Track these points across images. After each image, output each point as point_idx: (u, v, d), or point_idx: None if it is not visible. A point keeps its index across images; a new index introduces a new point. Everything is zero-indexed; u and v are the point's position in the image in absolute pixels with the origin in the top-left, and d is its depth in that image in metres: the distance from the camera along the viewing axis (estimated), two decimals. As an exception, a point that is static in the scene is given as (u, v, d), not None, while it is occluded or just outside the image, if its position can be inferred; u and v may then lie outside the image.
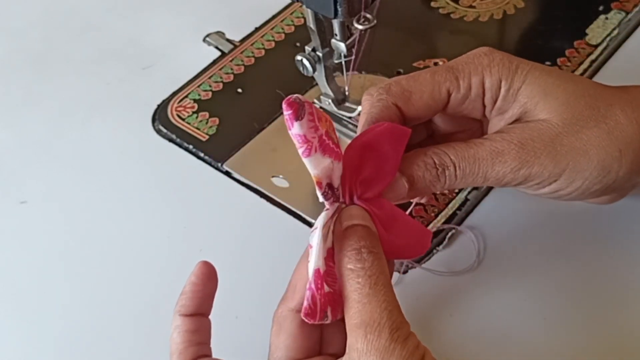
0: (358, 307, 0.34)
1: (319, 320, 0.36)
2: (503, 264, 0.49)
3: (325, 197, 0.38)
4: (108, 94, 0.64)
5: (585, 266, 0.49)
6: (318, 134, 0.37)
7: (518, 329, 0.46)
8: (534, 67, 0.41)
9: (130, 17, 0.71)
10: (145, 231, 0.54)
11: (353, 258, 0.35)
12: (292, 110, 0.36)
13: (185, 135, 0.59)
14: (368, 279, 0.35)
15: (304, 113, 0.36)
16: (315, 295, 0.36)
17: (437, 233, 0.51)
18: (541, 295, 0.47)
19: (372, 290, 0.34)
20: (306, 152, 0.37)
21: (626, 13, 0.64)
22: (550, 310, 0.47)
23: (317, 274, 0.36)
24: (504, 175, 0.39)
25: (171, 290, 0.50)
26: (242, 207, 0.54)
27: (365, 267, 0.35)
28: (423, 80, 0.41)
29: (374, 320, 0.34)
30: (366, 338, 0.34)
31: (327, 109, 0.58)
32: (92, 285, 0.51)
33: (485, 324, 0.47)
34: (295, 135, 0.36)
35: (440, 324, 0.47)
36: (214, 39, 0.67)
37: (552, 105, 0.40)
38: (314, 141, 0.37)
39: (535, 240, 0.50)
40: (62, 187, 0.57)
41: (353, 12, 0.47)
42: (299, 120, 0.36)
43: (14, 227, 0.55)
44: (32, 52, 0.69)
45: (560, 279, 0.48)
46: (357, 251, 0.36)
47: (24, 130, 0.62)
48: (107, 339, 0.48)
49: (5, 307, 0.51)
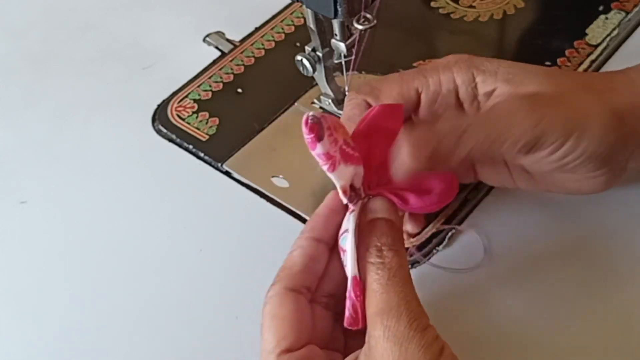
0: (377, 296, 0.35)
1: (362, 326, 0.37)
2: (503, 264, 0.49)
3: (350, 200, 0.39)
4: (108, 94, 0.64)
5: (586, 265, 0.49)
6: (338, 146, 0.37)
7: (519, 329, 0.46)
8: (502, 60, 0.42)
9: (130, 17, 0.71)
10: (145, 231, 0.54)
11: (374, 254, 0.37)
12: (314, 134, 0.36)
13: (185, 135, 0.59)
14: (387, 271, 0.36)
15: (324, 131, 0.36)
16: (355, 304, 0.37)
17: (437, 233, 0.51)
18: (542, 294, 0.47)
19: (390, 281, 0.36)
20: (331, 167, 0.37)
21: (626, 13, 0.64)
22: (551, 310, 0.47)
23: (355, 281, 0.37)
24: (521, 135, 0.39)
25: (171, 290, 0.50)
26: (242, 207, 0.54)
27: (385, 262, 0.36)
28: (392, 80, 0.43)
29: (392, 308, 0.34)
30: (384, 324, 0.34)
31: (327, 109, 0.58)
32: (92, 285, 0.51)
33: (485, 323, 0.47)
34: (319, 154, 0.37)
35: (441, 323, 0.47)
36: (214, 39, 0.67)
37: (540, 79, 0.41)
38: (337, 155, 0.37)
39: (536, 240, 0.50)
40: (62, 187, 0.57)
41: (353, 12, 0.47)
42: (321, 140, 0.36)
43: (14, 227, 0.55)
44: (32, 52, 0.69)
45: (561, 278, 0.48)
46: (377, 248, 0.37)
47: (24, 130, 0.62)
48: (107, 339, 0.48)
49: (6, 307, 0.51)
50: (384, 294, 0.35)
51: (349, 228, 0.38)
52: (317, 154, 0.37)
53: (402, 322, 0.34)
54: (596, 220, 0.51)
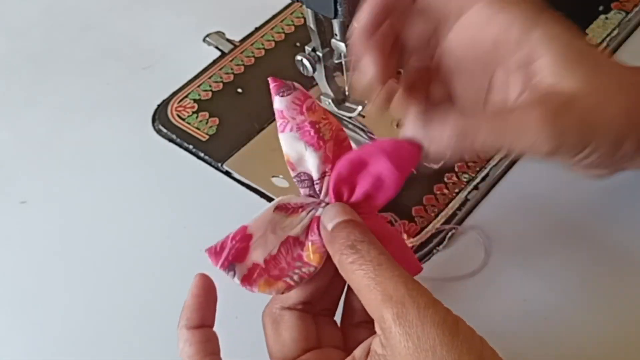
0: (371, 290, 0.34)
1: (220, 265, 0.37)
2: (503, 264, 0.49)
3: (300, 183, 0.39)
4: (108, 94, 0.64)
5: (587, 265, 0.49)
6: (299, 119, 0.38)
7: (519, 329, 0.46)
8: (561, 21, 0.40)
9: (130, 17, 0.71)
10: (145, 231, 0.54)
11: (349, 252, 0.36)
12: (275, 84, 0.38)
13: (185, 135, 0.59)
14: (370, 263, 0.35)
15: (289, 93, 0.38)
16: (227, 241, 0.37)
17: (436, 233, 0.51)
18: (542, 294, 0.48)
19: (377, 271, 0.34)
20: (281, 127, 0.39)
21: (626, 13, 0.64)
22: (552, 309, 0.47)
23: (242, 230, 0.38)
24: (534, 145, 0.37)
25: (171, 290, 0.50)
26: (242, 207, 0.54)
27: (363, 255, 0.35)
28: None
29: (392, 296, 0.33)
30: (391, 313, 0.33)
31: (327, 108, 0.57)
32: (92, 285, 0.51)
33: (486, 323, 0.47)
34: (275, 109, 0.38)
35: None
36: (214, 39, 0.67)
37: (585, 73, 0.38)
38: (292, 122, 0.38)
39: (536, 240, 0.50)
40: (62, 187, 0.57)
41: (353, 12, 0.47)
42: (280, 95, 0.38)
43: (14, 227, 0.55)
44: (32, 52, 0.69)
45: (562, 278, 0.48)
46: (350, 246, 0.36)
47: (24, 130, 0.62)
48: (107, 339, 0.48)
49: (6, 307, 0.51)
50: (377, 285, 0.34)
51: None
52: (274, 107, 0.39)
53: (408, 305, 0.33)
54: (597, 220, 0.51)
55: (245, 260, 0.37)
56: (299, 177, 0.40)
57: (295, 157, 0.39)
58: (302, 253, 0.38)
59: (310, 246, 0.38)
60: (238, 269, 0.37)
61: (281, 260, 0.38)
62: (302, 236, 0.38)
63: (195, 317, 0.39)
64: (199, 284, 0.40)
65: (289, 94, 0.39)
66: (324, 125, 0.39)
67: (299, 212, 0.39)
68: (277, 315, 0.39)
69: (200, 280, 0.40)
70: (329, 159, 0.39)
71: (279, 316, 0.39)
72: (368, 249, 0.35)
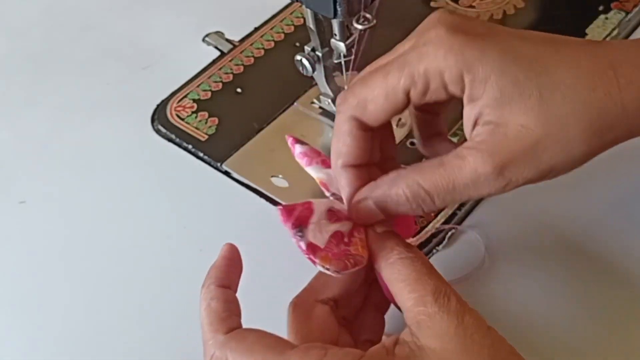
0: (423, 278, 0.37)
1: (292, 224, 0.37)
2: (503, 264, 0.49)
3: (338, 200, 0.41)
4: (107, 94, 0.64)
5: (587, 264, 0.49)
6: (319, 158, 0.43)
7: (519, 329, 0.46)
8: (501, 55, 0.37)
9: (130, 17, 0.71)
10: (145, 231, 0.54)
11: (403, 250, 0.38)
12: (293, 138, 0.44)
13: (185, 135, 0.59)
14: (421, 259, 0.38)
15: (306, 144, 0.44)
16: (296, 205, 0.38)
17: (436, 233, 0.51)
18: (542, 294, 0.47)
19: (430, 269, 0.38)
20: (307, 162, 0.43)
21: (626, 13, 0.64)
22: (553, 309, 0.47)
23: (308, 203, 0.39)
24: (487, 194, 0.39)
25: (171, 290, 0.50)
26: (242, 207, 0.54)
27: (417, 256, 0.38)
28: (376, 85, 0.39)
29: (441, 289, 0.36)
30: (439, 302, 0.36)
31: (326, 108, 0.58)
32: (91, 285, 0.51)
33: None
34: (298, 153, 0.44)
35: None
36: (213, 39, 0.67)
37: (528, 105, 0.37)
38: (316, 158, 0.43)
39: (536, 240, 0.50)
40: (62, 187, 0.57)
41: (352, 12, 0.47)
42: (300, 144, 0.44)
43: (13, 227, 0.55)
44: (32, 52, 0.69)
45: (562, 278, 0.48)
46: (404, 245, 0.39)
47: (24, 130, 0.62)
48: (107, 339, 0.48)
49: (5, 307, 0.51)
50: (431, 275, 0.37)
51: None
52: (296, 153, 0.44)
53: (453, 299, 0.36)
54: (596, 219, 0.51)
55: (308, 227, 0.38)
56: (335, 195, 0.42)
57: (327, 179, 0.42)
58: (349, 248, 0.39)
59: (358, 241, 0.40)
60: (305, 232, 0.38)
61: (333, 248, 0.39)
62: (347, 237, 0.40)
63: (224, 277, 0.40)
64: (229, 249, 0.41)
65: (306, 144, 0.44)
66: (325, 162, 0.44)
67: (342, 220, 0.40)
68: (310, 306, 0.41)
69: (230, 247, 0.41)
70: None
71: (312, 306, 0.41)
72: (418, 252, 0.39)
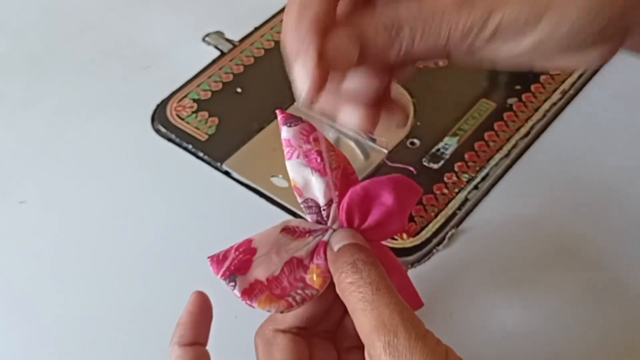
0: (367, 314, 0.33)
1: (221, 275, 0.36)
2: (503, 264, 0.49)
3: (308, 209, 0.39)
4: (107, 94, 0.64)
5: (587, 265, 0.49)
6: (305, 147, 0.38)
7: (518, 329, 0.46)
8: None
9: (130, 17, 0.71)
10: (144, 231, 0.54)
11: (349, 272, 0.35)
12: (283, 116, 0.39)
13: (185, 135, 0.59)
14: (369, 286, 0.34)
15: (296, 124, 0.38)
16: (230, 251, 0.37)
17: (437, 233, 0.51)
18: (542, 294, 0.47)
19: (375, 295, 0.33)
20: (288, 155, 0.38)
21: (626, 13, 0.64)
22: (551, 310, 0.47)
23: (247, 242, 0.37)
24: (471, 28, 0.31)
25: (171, 290, 0.50)
26: (242, 207, 0.54)
27: (363, 277, 0.34)
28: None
29: (386, 323, 0.32)
30: (382, 341, 0.32)
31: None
32: (91, 285, 0.51)
33: (485, 323, 0.47)
34: (283, 139, 0.39)
35: (439, 323, 0.47)
36: (213, 39, 0.67)
37: None
38: (299, 149, 0.38)
39: (536, 240, 0.50)
40: (61, 187, 0.57)
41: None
42: (288, 126, 0.38)
43: (13, 227, 0.55)
44: (32, 52, 0.69)
45: (562, 278, 0.48)
46: (352, 265, 0.35)
47: (23, 129, 0.62)
48: (107, 339, 0.48)
49: (4, 307, 0.51)
50: (373, 310, 0.33)
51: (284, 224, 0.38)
52: (282, 137, 0.39)
53: (400, 335, 0.32)
54: (596, 219, 0.51)
55: (247, 273, 0.37)
56: (306, 203, 0.39)
57: (302, 183, 0.39)
58: (305, 276, 0.37)
59: (314, 269, 0.37)
60: (239, 280, 0.36)
61: (283, 280, 0.37)
62: (307, 260, 0.38)
63: (189, 334, 0.39)
64: (195, 301, 0.39)
65: (296, 124, 0.39)
66: (331, 156, 0.39)
67: (305, 236, 0.38)
68: (270, 337, 0.39)
69: (197, 297, 0.39)
70: (336, 186, 0.39)
71: (272, 338, 0.39)
72: (369, 270, 0.34)
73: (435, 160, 0.55)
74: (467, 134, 0.56)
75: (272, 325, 0.39)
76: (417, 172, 0.54)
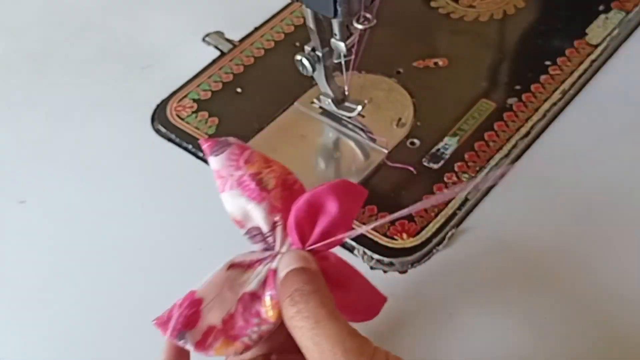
0: (309, 351, 0.33)
1: (169, 335, 0.36)
2: (503, 264, 0.49)
3: (252, 239, 0.38)
4: (107, 94, 0.64)
5: (587, 265, 0.49)
6: (237, 174, 0.38)
7: (518, 329, 0.46)
8: None
9: (130, 16, 0.71)
10: (144, 231, 0.54)
11: (288, 306, 0.34)
12: (208, 145, 0.38)
13: (185, 135, 0.59)
14: (307, 320, 0.33)
15: (223, 150, 0.38)
16: (174, 309, 0.36)
17: (436, 233, 0.51)
18: (541, 295, 0.47)
19: (315, 330, 0.33)
20: (220, 187, 0.38)
21: (626, 13, 0.64)
22: (551, 311, 0.47)
23: (190, 296, 0.36)
24: None
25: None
26: (242, 207, 0.54)
27: (300, 310, 0.34)
28: None
29: (328, 357, 0.32)
30: None
31: (326, 108, 0.58)
32: (91, 285, 0.51)
33: (484, 324, 0.47)
34: (213, 170, 0.38)
35: (439, 323, 0.47)
36: (213, 39, 0.67)
37: None
38: (230, 179, 0.37)
39: (536, 241, 0.50)
40: (61, 186, 0.57)
41: (353, 11, 0.47)
42: (215, 155, 0.38)
43: (13, 226, 0.55)
44: (31, 52, 0.69)
45: (562, 278, 0.48)
46: (290, 298, 0.34)
47: (23, 129, 0.62)
48: (107, 339, 0.48)
49: (5, 307, 0.51)
50: (315, 345, 0.32)
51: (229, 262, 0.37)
52: (212, 168, 0.38)
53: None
54: (596, 219, 0.51)
55: (197, 325, 0.36)
56: (250, 232, 0.38)
57: (241, 215, 0.38)
58: (261, 309, 0.36)
59: (268, 301, 0.36)
60: (190, 335, 0.35)
61: (238, 319, 0.36)
62: (260, 290, 0.37)
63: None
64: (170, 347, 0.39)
65: (223, 151, 0.38)
66: (267, 174, 0.38)
67: (255, 266, 0.37)
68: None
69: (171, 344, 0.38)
70: (277, 208, 0.38)
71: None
72: (307, 301, 0.34)
73: (435, 160, 0.55)
74: (467, 134, 0.56)
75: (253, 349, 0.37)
76: (417, 172, 0.54)
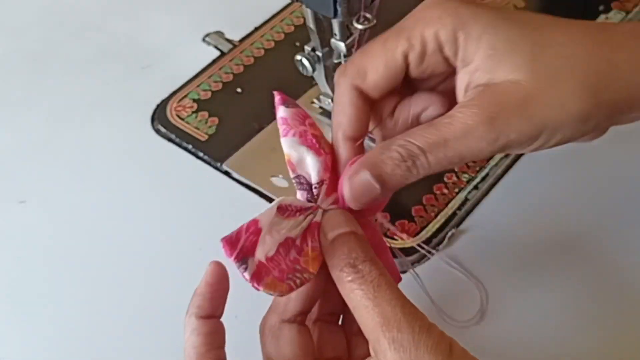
0: (369, 311, 0.34)
1: (235, 257, 0.35)
2: (503, 264, 0.49)
3: (299, 185, 0.39)
4: (107, 94, 0.64)
5: (587, 264, 0.49)
6: (301, 128, 0.39)
7: (517, 330, 0.46)
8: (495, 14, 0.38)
9: (130, 16, 0.71)
10: (144, 231, 0.54)
11: (349, 271, 0.35)
12: (281, 97, 0.39)
13: (185, 135, 0.59)
14: (370, 284, 0.34)
15: (293, 106, 0.39)
16: (241, 232, 0.36)
17: (436, 233, 0.51)
18: (541, 295, 0.47)
19: (377, 292, 0.34)
20: (284, 132, 0.39)
21: (626, 13, 0.64)
22: (551, 311, 0.47)
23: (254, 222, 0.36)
24: (481, 151, 0.36)
25: (171, 290, 0.50)
26: (242, 206, 0.54)
27: (364, 275, 0.35)
28: (375, 53, 0.39)
29: (389, 319, 0.33)
30: (387, 337, 0.33)
31: (326, 108, 0.58)
32: (91, 285, 0.51)
33: (484, 324, 0.47)
34: (279, 118, 0.39)
35: (439, 323, 0.46)
36: (213, 39, 0.67)
37: (519, 61, 0.36)
38: (295, 128, 0.39)
39: (536, 241, 0.50)
40: (61, 186, 0.57)
41: (353, 11, 0.47)
42: (285, 106, 0.39)
43: (13, 226, 0.55)
44: (31, 52, 0.69)
45: (562, 278, 0.48)
46: (351, 264, 0.35)
47: (23, 129, 0.62)
48: (107, 339, 0.48)
49: (5, 306, 0.51)
50: (375, 307, 0.34)
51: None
52: (278, 117, 0.39)
53: (404, 329, 0.33)
54: (597, 218, 0.51)
55: (254, 255, 0.36)
56: (298, 179, 0.39)
57: (296, 159, 0.39)
58: (300, 258, 0.37)
59: (309, 252, 0.37)
60: (250, 263, 0.35)
61: (281, 262, 0.36)
62: (299, 240, 0.37)
63: (207, 306, 0.38)
64: (213, 272, 0.39)
65: (293, 106, 0.39)
66: (325, 141, 0.39)
67: (296, 215, 0.38)
68: (276, 329, 0.39)
69: (215, 268, 0.39)
70: (329, 167, 0.39)
71: (278, 330, 0.39)
72: (370, 269, 0.35)
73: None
74: (467, 134, 0.56)
75: (276, 316, 0.39)
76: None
